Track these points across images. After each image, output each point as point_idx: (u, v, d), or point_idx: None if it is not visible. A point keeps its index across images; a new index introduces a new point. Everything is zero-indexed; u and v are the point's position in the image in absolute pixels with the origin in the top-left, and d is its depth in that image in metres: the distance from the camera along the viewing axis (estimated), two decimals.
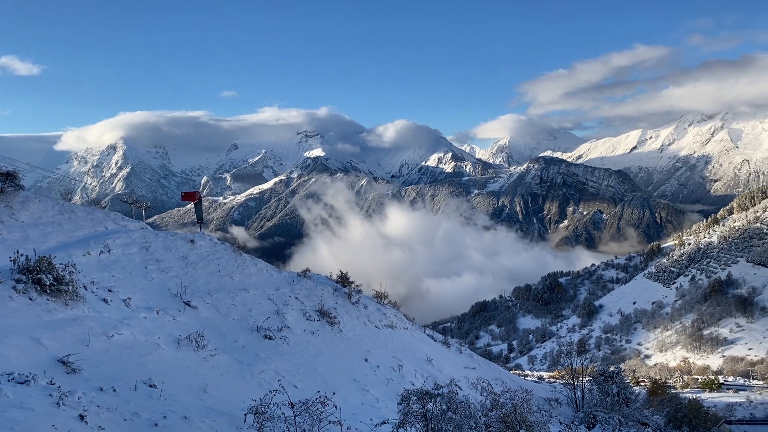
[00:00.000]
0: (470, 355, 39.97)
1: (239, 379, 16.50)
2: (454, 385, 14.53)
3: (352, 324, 26.60)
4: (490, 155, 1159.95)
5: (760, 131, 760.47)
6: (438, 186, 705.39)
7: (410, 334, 32.16)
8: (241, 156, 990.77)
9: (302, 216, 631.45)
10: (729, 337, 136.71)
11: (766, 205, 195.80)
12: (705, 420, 31.79)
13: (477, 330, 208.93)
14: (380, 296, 34.93)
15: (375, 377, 21.96)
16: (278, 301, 24.14)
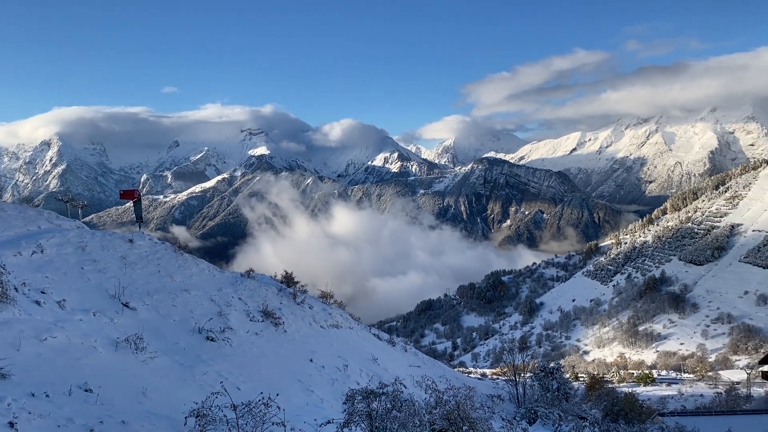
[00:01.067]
0: (415, 353, 40.28)
1: (180, 381, 16.14)
2: (399, 383, 14.61)
3: (297, 324, 26.40)
4: (436, 155, 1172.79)
5: (692, 135, 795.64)
6: (384, 186, 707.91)
7: (356, 334, 32.16)
8: (183, 153, 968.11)
9: (246, 215, 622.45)
10: (662, 332, 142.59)
11: (697, 206, 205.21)
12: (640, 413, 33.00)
13: (422, 328, 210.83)
14: (326, 296, 34.80)
15: (320, 377, 21.86)
16: (221, 302, 23.71)
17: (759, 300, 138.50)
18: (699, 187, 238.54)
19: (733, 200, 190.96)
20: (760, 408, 53.86)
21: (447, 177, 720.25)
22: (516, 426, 18.49)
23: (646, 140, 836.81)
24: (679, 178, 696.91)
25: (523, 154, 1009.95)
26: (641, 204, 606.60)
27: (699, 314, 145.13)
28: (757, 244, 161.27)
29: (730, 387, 77.75)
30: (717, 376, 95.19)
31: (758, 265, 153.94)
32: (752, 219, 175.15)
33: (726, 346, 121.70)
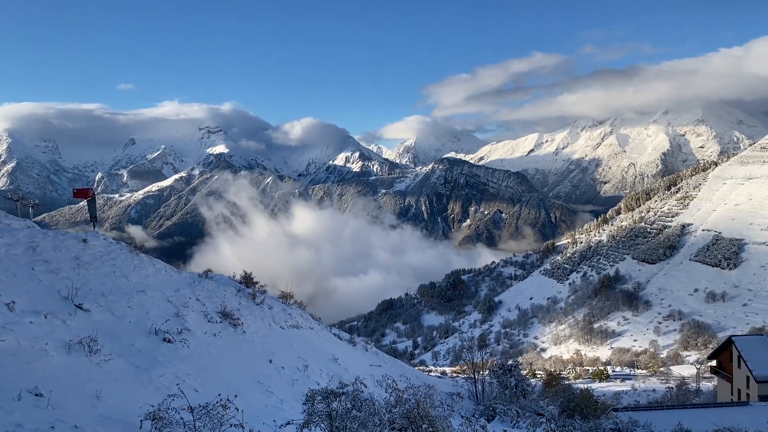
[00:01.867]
0: (376, 353, 40.35)
1: (136, 384, 15.84)
2: (360, 383, 14.64)
3: (256, 325, 26.16)
4: (397, 155, 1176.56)
5: (645, 137, 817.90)
6: (346, 185, 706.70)
7: (316, 334, 32.04)
8: (139, 152, 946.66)
9: (204, 215, 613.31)
10: (617, 329, 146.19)
11: (650, 206, 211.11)
12: (595, 408, 33.75)
13: (383, 328, 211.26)
14: (286, 296, 34.57)
15: (280, 378, 21.73)
16: (178, 303, 23.33)
17: (708, 297, 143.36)
18: (652, 188, 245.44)
19: (684, 201, 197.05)
20: (708, 402, 55.75)
21: (408, 177, 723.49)
22: (475, 423, 18.73)
23: (601, 142, 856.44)
24: (632, 178, 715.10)
25: (482, 155, 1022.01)
26: (596, 204, 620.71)
27: (652, 311, 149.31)
28: (706, 243, 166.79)
29: (681, 382, 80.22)
30: (669, 371, 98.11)
31: (707, 264, 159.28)
32: (702, 219, 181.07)
33: (677, 343, 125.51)
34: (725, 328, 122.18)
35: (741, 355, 48.88)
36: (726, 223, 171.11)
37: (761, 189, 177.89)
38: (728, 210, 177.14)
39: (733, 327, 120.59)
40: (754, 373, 46.89)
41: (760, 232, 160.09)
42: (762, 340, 51.14)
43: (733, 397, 50.67)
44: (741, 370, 49.36)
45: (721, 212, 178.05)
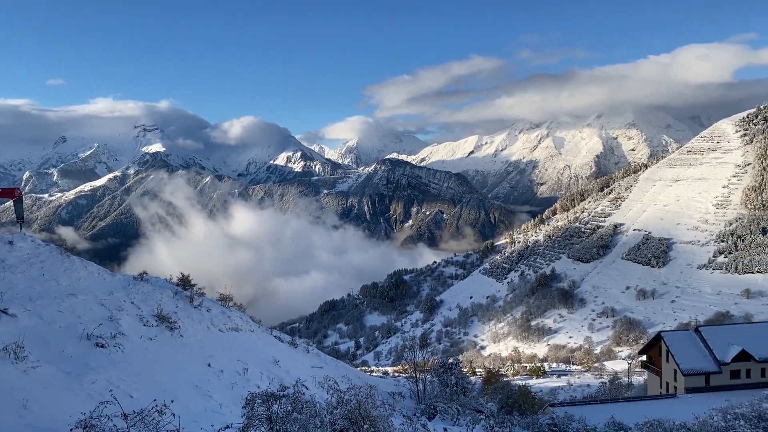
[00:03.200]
0: (318, 354, 40.14)
1: (67, 391, 15.20)
2: (301, 385, 14.54)
3: (194, 328, 25.57)
4: (339, 156, 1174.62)
5: (579, 140, 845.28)
6: (287, 185, 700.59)
7: (256, 337, 31.60)
8: (71, 150, 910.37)
9: (139, 215, 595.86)
10: (553, 326, 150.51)
11: (584, 207, 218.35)
12: (532, 404, 34.62)
13: (325, 329, 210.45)
14: (225, 298, 33.93)
15: (219, 382, 21.31)
16: (112, 307, 22.54)
17: (639, 294, 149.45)
18: (586, 189, 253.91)
19: (616, 201, 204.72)
20: (639, 395, 58.04)
21: (350, 177, 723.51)
22: (416, 422, 18.89)
23: (537, 144, 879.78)
24: (567, 180, 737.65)
25: (424, 156, 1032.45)
26: (533, 205, 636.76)
27: (586, 309, 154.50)
28: (637, 243, 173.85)
29: (614, 377, 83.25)
30: (602, 366, 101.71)
31: (638, 262, 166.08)
32: (633, 219, 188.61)
33: (610, 339, 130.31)
34: (655, 324, 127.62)
35: (669, 349, 51.12)
36: (655, 223, 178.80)
37: (688, 190, 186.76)
38: (657, 210, 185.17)
39: (662, 323, 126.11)
40: (681, 367, 49.12)
41: (686, 232, 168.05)
42: (689, 335, 53.65)
43: (662, 390, 52.93)
44: (669, 364, 51.63)
45: (651, 212, 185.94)
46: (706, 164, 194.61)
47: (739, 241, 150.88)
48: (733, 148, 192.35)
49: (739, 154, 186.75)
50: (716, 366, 48.74)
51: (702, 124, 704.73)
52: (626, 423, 28.99)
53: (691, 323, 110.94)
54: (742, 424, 20.59)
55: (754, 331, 53.53)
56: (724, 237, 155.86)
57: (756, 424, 20.43)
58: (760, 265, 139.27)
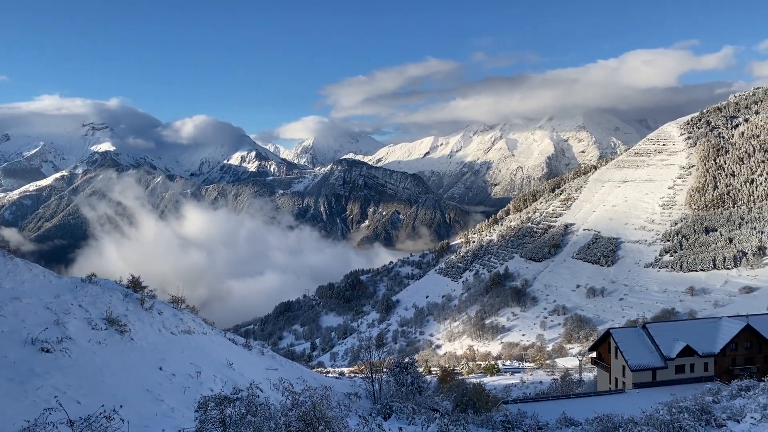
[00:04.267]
0: (273, 356, 39.73)
1: (10, 399, 14.66)
2: (255, 387, 14.40)
3: (145, 331, 24.98)
4: (295, 155, 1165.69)
5: (532, 141, 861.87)
6: (241, 185, 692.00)
7: (210, 339, 31.08)
8: (14, 148, 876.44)
9: (87, 216, 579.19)
10: (507, 325, 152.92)
11: (536, 207, 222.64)
12: (486, 402, 35.03)
13: (281, 330, 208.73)
14: (177, 301, 33.24)
15: (171, 386, 20.88)
16: (58, 310, 21.82)
17: (589, 293, 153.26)
18: (538, 190, 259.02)
19: (566, 202, 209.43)
20: (589, 391, 59.48)
21: (307, 177, 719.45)
22: (371, 422, 18.92)
23: (491, 146, 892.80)
24: (520, 181, 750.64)
25: (380, 156, 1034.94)
26: (487, 205, 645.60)
27: (538, 307, 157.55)
28: (587, 242, 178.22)
29: (565, 373, 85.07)
30: (554, 363, 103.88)
31: (588, 261, 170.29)
32: (583, 219, 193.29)
33: (561, 336, 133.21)
34: (604, 321, 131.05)
35: (618, 346, 52.55)
36: (604, 223, 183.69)
37: (635, 191, 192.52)
38: (606, 211, 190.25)
39: (611, 320, 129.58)
40: (629, 363, 50.58)
41: (634, 231, 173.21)
42: (636, 332, 55.27)
43: (611, 386, 54.38)
44: (618, 360, 53.08)
45: (600, 213, 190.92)
46: (652, 166, 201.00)
47: (683, 240, 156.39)
48: (678, 151, 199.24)
49: (683, 156, 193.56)
50: (662, 361, 50.35)
51: (649, 126, 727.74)
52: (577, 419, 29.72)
53: (639, 320, 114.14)
54: (686, 417, 21.35)
55: (697, 328, 55.53)
56: (669, 236, 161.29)
57: (699, 417, 21.22)
58: (703, 264, 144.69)
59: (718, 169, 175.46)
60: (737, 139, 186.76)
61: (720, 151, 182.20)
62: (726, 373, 49.66)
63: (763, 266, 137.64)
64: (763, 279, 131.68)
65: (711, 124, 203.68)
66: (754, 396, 24.99)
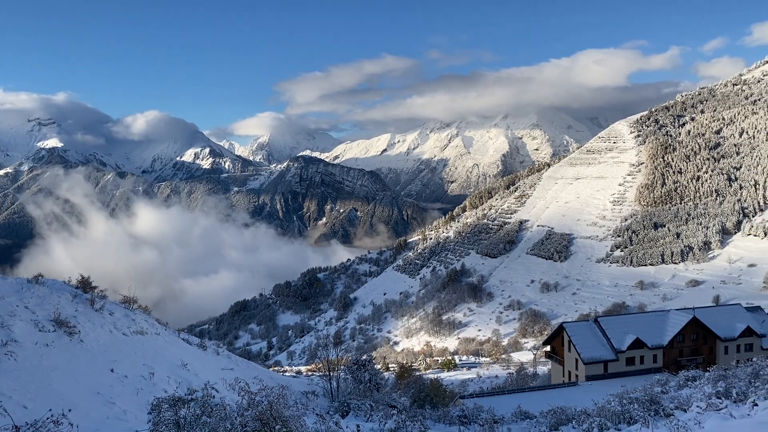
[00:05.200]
0: (228, 356, 39.19)
1: None
2: (210, 388, 14.17)
3: (95, 333, 24.30)
4: (250, 152, 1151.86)
5: (487, 139, 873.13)
6: (195, 182, 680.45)
7: (163, 340, 30.45)
8: None
9: (33, 214, 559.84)
10: (463, 320, 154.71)
11: (492, 204, 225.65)
12: (444, 397, 35.37)
13: (236, 330, 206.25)
14: (129, 301, 32.42)
15: (123, 388, 20.39)
16: (2, 312, 21.03)
17: (543, 288, 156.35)
18: (493, 187, 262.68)
19: (521, 199, 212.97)
20: (543, 384, 60.70)
21: (262, 175, 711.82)
22: (329, 420, 18.86)
23: (448, 143, 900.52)
24: (476, 178, 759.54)
25: (337, 154, 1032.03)
26: (444, 202, 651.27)
27: (494, 302, 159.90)
28: (541, 238, 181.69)
29: (520, 367, 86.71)
30: (509, 358, 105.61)
31: (542, 257, 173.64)
32: (537, 215, 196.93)
33: (516, 331, 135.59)
34: (558, 316, 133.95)
35: (571, 340, 53.79)
36: (558, 219, 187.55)
37: (587, 188, 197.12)
38: (559, 207, 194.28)
39: (565, 314, 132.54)
40: (582, 356, 51.82)
41: (586, 227, 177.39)
42: (588, 326, 56.66)
43: (565, 379, 55.62)
44: (571, 353, 54.33)
45: (554, 209, 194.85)
46: (603, 163, 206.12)
47: (633, 235, 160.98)
48: (628, 148, 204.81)
49: (633, 154, 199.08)
50: (613, 354, 51.77)
51: (600, 125, 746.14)
52: (532, 411, 30.29)
53: (591, 314, 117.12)
54: (636, 408, 21.99)
55: (647, 321, 57.32)
56: (620, 232, 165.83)
57: (648, 408, 21.88)
58: (652, 258, 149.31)
59: (666, 167, 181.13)
60: (684, 138, 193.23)
61: (668, 149, 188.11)
62: (674, 364, 51.38)
63: (709, 260, 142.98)
64: (709, 273, 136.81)
65: (659, 122, 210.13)
66: (700, 386, 25.92)
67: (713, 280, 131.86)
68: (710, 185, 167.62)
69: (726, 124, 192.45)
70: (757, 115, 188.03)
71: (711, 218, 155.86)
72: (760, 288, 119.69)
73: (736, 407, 18.75)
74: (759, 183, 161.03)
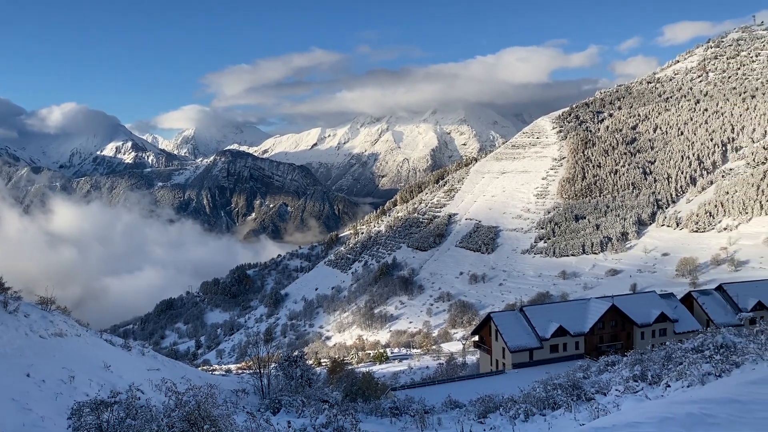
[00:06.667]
0: (154, 356, 38.02)
1: None
2: (136, 389, 13.77)
3: (9, 336, 23.05)
4: (175, 146, 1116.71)
5: (417, 134, 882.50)
6: (117, 177, 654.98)
7: (84, 341, 29.23)
8: None
9: None
10: (394, 313, 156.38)
11: (422, 198, 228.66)
12: (375, 390, 35.58)
13: (163, 329, 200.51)
14: (46, 302, 30.88)
15: (40, 393, 19.45)
16: None
17: (471, 279, 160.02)
18: (423, 182, 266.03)
19: (450, 193, 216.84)
20: (472, 373, 62.17)
21: (188, 169, 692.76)
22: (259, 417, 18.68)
23: (378, 138, 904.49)
24: (407, 173, 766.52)
25: (266, 148, 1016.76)
26: (376, 196, 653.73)
27: (424, 294, 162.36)
28: (469, 231, 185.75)
29: (450, 357, 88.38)
30: (439, 349, 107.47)
31: (470, 249, 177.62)
32: (465, 209, 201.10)
33: (446, 322, 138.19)
34: (485, 306, 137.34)
35: (498, 329, 55.28)
36: (485, 212, 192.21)
37: (512, 182, 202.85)
38: (486, 201, 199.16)
39: (492, 304, 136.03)
40: (508, 344, 53.37)
41: (511, 220, 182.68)
42: (514, 315, 58.40)
43: (493, 367, 57.15)
44: (498, 342, 55.85)
45: (481, 203, 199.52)
46: (528, 158, 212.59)
47: (556, 227, 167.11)
48: (550, 143, 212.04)
49: (555, 149, 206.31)
50: (538, 342, 53.60)
51: (524, 121, 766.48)
52: (461, 400, 30.97)
53: (517, 304, 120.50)
54: (560, 393, 22.90)
55: (569, 309, 59.63)
56: (543, 224, 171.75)
57: (571, 393, 22.83)
58: (573, 249, 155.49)
59: (586, 161, 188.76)
60: (603, 133, 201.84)
61: (588, 144, 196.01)
62: (595, 350, 53.66)
63: (626, 250, 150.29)
64: (626, 262, 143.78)
65: (580, 118, 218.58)
66: (619, 370, 27.23)
67: (630, 269, 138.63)
68: (627, 179, 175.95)
69: (641, 120, 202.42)
70: (670, 111, 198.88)
71: (628, 210, 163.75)
72: (672, 276, 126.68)
73: (651, 389, 19.83)
74: (672, 176, 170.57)
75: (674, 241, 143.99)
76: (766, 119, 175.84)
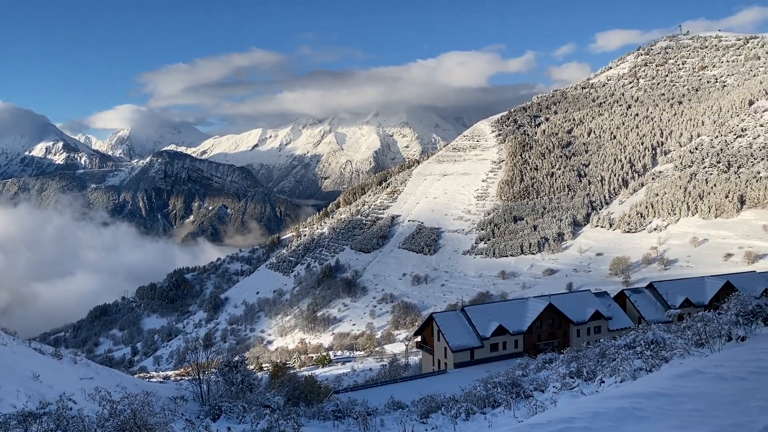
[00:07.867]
0: (87, 364, 36.58)
1: None
2: (67, 399, 13.20)
3: None
4: (110, 147, 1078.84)
5: (360, 136, 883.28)
6: (47, 179, 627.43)
7: (11, 350, 27.84)
8: None
9: None
10: (338, 315, 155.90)
11: (365, 200, 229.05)
12: (318, 393, 35.37)
13: (97, 336, 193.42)
14: None
15: None
16: None
17: (414, 280, 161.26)
18: (366, 183, 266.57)
19: (393, 195, 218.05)
20: (415, 374, 62.60)
21: (123, 170, 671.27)
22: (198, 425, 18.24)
23: (321, 139, 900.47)
24: (350, 174, 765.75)
25: (205, 149, 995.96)
26: (318, 198, 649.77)
27: (368, 296, 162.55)
28: (411, 233, 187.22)
29: (393, 359, 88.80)
30: (383, 350, 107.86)
31: (413, 250, 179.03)
32: (408, 211, 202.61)
33: (389, 323, 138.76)
34: (428, 307, 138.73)
35: (440, 329, 55.86)
36: (427, 214, 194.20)
37: (454, 184, 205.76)
38: (428, 202, 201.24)
39: (434, 305, 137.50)
40: (450, 344, 54.01)
41: (453, 222, 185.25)
42: (456, 315, 59.13)
43: (435, 367, 57.69)
44: (440, 342, 56.44)
45: (423, 205, 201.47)
46: (468, 161, 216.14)
47: (495, 228, 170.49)
48: (490, 146, 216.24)
49: (495, 152, 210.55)
50: (479, 341, 54.46)
51: (465, 124, 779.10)
52: (404, 401, 31.14)
53: (458, 304, 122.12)
54: (500, 391, 23.35)
55: (508, 308, 60.82)
56: (483, 225, 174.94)
57: (510, 390, 23.31)
58: (512, 249, 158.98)
59: (524, 164, 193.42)
60: (540, 137, 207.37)
61: (525, 147, 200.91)
62: (533, 348, 54.94)
63: (563, 250, 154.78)
64: (563, 262, 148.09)
65: (518, 122, 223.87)
66: (556, 367, 27.96)
67: (566, 268, 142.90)
68: (563, 181, 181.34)
69: (576, 124, 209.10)
70: (603, 116, 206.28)
71: (564, 211, 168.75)
72: (606, 275, 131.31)
73: (587, 385, 20.45)
74: (605, 179, 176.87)
75: (608, 241, 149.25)
76: (692, 124, 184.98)
